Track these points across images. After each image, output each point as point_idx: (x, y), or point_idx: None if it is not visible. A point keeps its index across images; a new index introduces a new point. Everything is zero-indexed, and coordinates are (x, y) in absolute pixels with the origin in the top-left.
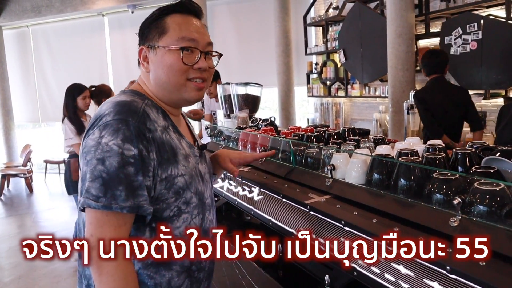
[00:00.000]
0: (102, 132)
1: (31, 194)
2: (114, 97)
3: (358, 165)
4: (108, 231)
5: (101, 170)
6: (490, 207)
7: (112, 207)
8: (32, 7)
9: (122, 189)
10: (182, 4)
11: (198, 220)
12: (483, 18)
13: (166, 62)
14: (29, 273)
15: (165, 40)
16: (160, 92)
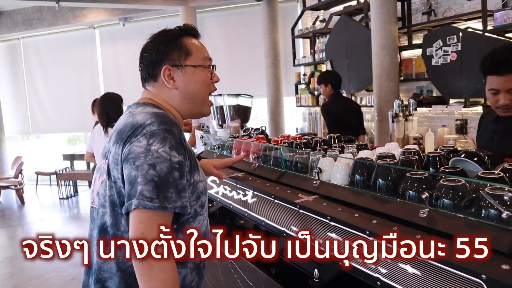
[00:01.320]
0: (150, 140)
1: (22, 205)
2: (142, 109)
3: (342, 168)
4: (158, 230)
5: (153, 174)
6: (453, 200)
7: (167, 207)
8: (23, 20)
9: (172, 191)
10: (192, 29)
11: (206, 221)
12: (461, 31)
13: (198, 79)
14: (24, 283)
15: (192, 59)
16: (185, 106)
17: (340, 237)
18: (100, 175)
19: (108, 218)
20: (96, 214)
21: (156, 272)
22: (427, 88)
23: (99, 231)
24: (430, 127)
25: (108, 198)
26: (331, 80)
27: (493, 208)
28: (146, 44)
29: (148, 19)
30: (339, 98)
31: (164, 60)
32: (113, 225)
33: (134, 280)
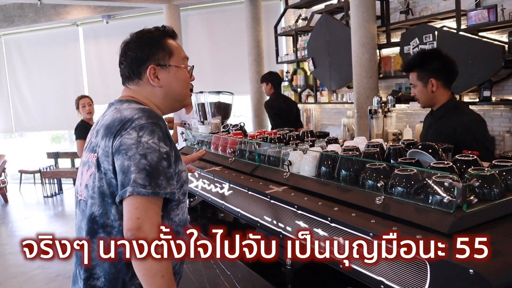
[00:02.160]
0: (139, 132)
1: (6, 204)
2: (127, 105)
3: (310, 160)
4: (152, 214)
5: (144, 163)
6: (405, 187)
7: (159, 193)
8: (5, 17)
9: (162, 178)
10: (172, 30)
11: (186, 209)
12: (437, 30)
13: (180, 78)
14: (8, 280)
15: (175, 60)
16: (166, 102)
17: (306, 224)
18: (88, 168)
19: (97, 208)
20: (85, 205)
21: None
22: (406, 85)
23: (88, 221)
24: (408, 123)
25: (98, 189)
26: (271, 79)
27: (437, 194)
28: (128, 43)
29: (131, 17)
30: (279, 96)
31: (150, 59)
32: (103, 215)
33: (123, 265)
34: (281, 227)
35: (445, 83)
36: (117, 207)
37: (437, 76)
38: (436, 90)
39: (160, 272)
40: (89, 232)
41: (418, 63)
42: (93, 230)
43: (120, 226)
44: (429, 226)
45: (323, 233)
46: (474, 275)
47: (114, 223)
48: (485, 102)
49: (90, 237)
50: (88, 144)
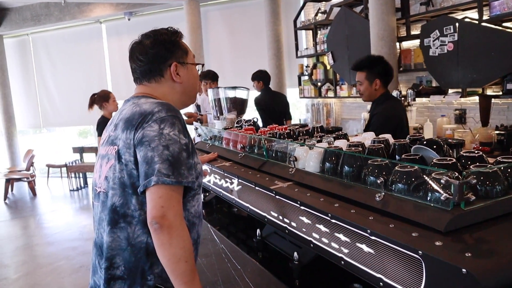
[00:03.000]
0: (161, 125)
1: (34, 197)
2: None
3: (315, 156)
4: (175, 203)
5: (167, 154)
6: (404, 184)
7: (182, 182)
8: (32, 16)
9: (184, 168)
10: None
11: (201, 201)
12: (458, 21)
13: (194, 74)
14: (35, 271)
15: (189, 58)
16: (183, 97)
17: (309, 220)
18: (107, 161)
19: (118, 199)
20: (105, 197)
21: (176, 240)
22: (427, 78)
23: (109, 212)
24: (429, 117)
25: (118, 180)
26: (262, 77)
27: (435, 192)
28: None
29: (152, 13)
30: (269, 92)
31: (172, 57)
32: (123, 205)
33: (143, 254)
34: (286, 223)
35: (385, 83)
36: (137, 198)
37: (380, 77)
38: (378, 88)
39: (184, 258)
40: (111, 222)
41: (367, 65)
42: (114, 220)
43: (140, 216)
44: (426, 224)
45: (325, 229)
46: (466, 274)
47: (135, 213)
48: (509, 95)
49: (111, 227)
50: (106, 138)
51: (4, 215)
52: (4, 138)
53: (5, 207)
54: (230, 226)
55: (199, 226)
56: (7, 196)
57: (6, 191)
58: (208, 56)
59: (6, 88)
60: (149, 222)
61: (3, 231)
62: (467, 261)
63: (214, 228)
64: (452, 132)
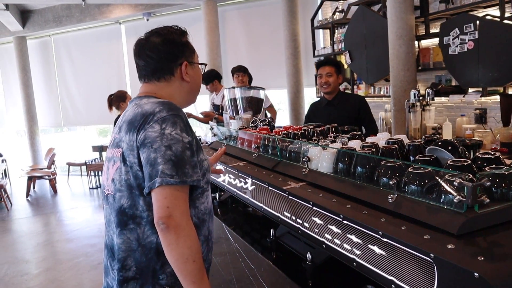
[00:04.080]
0: (162, 125)
1: (55, 194)
2: (148, 99)
3: (328, 157)
4: (181, 203)
5: (170, 154)
6: (418, 186)
7: (186, 181)
8: (54, 17)
9: (188, 167)
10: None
11: (210, 198)
12: (478, 19)
13: (199, 74)
14: (55, 266)
15: (196, 57)
16: (189, 96)
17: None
18: (113, 163)
19: (126, 200)
20: (113, 199)
21: (183, 239)
22: (446, 77)
23: (117, 214)
24: (448, 116)
25: (125, 182)
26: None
27: (449, 194)
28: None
29: (171, 14)
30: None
31: (182, 56)
32: (131, 206)
33: (154, 254)
34: (299, 223)
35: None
36: (144, 198)
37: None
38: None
39: (192, 257)
40: (119, 224)
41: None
42: (123, 221)
43: (148, 217)
44: (438, 226)
45: (337, 230)
46: (478, 278)
47: (143, 214)
48: None
49: (120, 228)
50: (112, 141)
51: (26, 211)
52: (27, 137)
53: (27, 204)
54: (244, 226)
55: (209, 223)
56: (29, 194)
57: (28, 189)
58: (225, 56)
59: (28, 88)
60: (156, 222)
61: (25, 228)
62: (479, 265)
63: (228, 227)
64: (472, 132)
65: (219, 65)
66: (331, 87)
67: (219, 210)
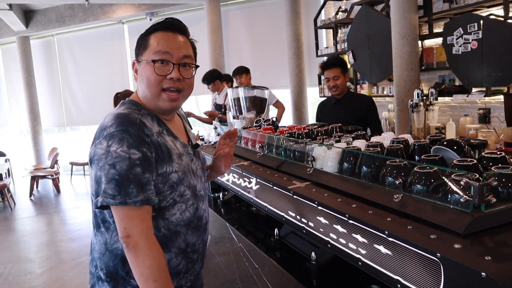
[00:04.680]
0: (109, 141)
1: (58, 194)
2: (116, 109)
3: (333, 156)
4: (138, 222)
5: (113, 173)
6: (423, 185)
7: (127, 203)
8: (57, 17)
9: (133, 187)
10: (164, 23)
11: (192, 209)
12: (482, 18)
13: (145, 74)
14: (59, 265)
15: (145, 54)
16: (145, 100)
17: (326, 221)
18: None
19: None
20: (91, 201)
21: (142, 259)
22: (449, 77)
23: (93, 216)
24: (452, 116)
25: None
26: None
27: (455, 193)
28: None
29: (173, 13)
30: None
31: (137, 53)
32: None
33: (120, 261)
34: (304, 223)
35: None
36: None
37: (347, 72)
38: (347, 81)
39: (152, 277)
40: (95, 225)
41: (340, 62)
42: (97, 223)
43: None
44: (445, 226)
45: (342, 229)
46: (486, 278)
47: (110, 219)
48: None
49: (95, 230)
50: None
51: (29, 211)
52: (30, 137)
53: (30, 203)
54: (248, 225)
55: (188, 235)
56: (32, 193)
57: (31, 188)
58: (228, 55)
59: (32, 88)
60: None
61: (29, 227)
62: (486, 265)
63: (232, 227)
64: (475, 132)
65: (222, 65)
66: (340, 89)
67: (222, 210)
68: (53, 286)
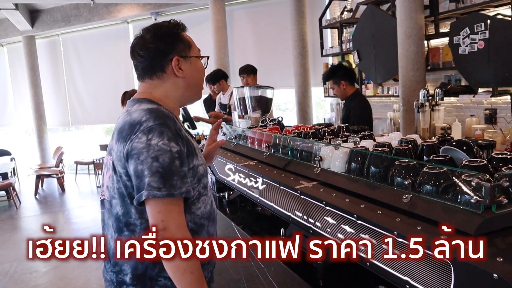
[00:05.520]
0: (149, 135)
1: (63, 193)
2: (140, 105)
3: (340, 156)
4: (175, 215)
5: (157, 166)
6: (433, 186)
7: (174, 194)
8: (62, 17)
9: (176, 179)
10: (183, 25)
11: (210, 201)
12: (489, 18)
13: (200, 68)
14: (64, 264)
15: (193, 51)
16: (188, 93)
17: (334, 221)
18: (107, 171)
19: (119, 208)
20: (109, 205)
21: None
22: (455, 77)
23: (115, 220)
24: (458, 117)
25: (117, 191)
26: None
27: (466, 194)
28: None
29: (178, 13)
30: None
31: (173, 51)
32: (125, 214)
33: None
34: (311, 223)
35: (351, 82)
36: (136, 207)
37: (344, 79)
38: (346, 87)
39: (189, 269)
40: (117, 230)
41: (331, 75)
42: (119, 228)
43: (142, 224)
44: (455, 227)
45: (350, 230)
46: (497, 279)
47: (136, 221)
48: None
49: (117, 234)
50: (108, 147)
51: (34, 210)
52: (35, 136)
53: (35, 202)
54: (253, 225)
55: (209, 227)
56: (37, 192)
57: (36, 187)
58: (233, 55)
59: (37, 87)
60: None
61: (34, 226)
62: (498, 266)
63: (238, 226)
64: (481, 133)
65: (227, 65)
66: (340, 96)
67: (227, 209)
68: (58, 285)
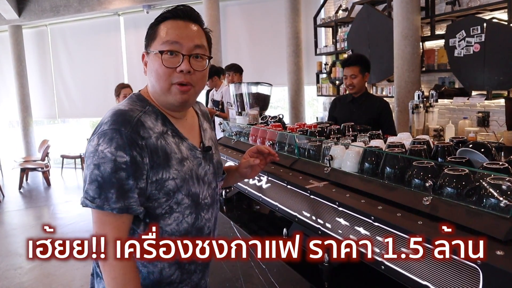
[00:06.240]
0: (99, 140)
1: (48, 187)
2: (119, 103)
3: (352, 156)
4: (109, 230)
5: (97, 174)
6: (456, 188)
7: (104, 208)
8: (51, 7)
9: (113, 192)
10: (174, 11)
11: (190, 219)
12: (485, 22)
13: (153, 67)
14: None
15: (154, 45)
16: (155, 95)
17: (347, 222)
18: None
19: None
20: None
21: (108, 268)
22: (449, 79)
23: None
24: (451, 119)
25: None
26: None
27: (493, 197)
28: None
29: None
30: None
31: (147, 45)
32: None
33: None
34: (320, 223)
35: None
36: None
37: (368, 71)
38: (366, 81)
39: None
40: None
41: (360, 60)
42: None
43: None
44: (483, 231)
45: (365, 232)
46: None
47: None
48: None
49: None
50: None
51: (18, 204)
52: (20, 128)
53: (20, 196)
54: (250, 223)
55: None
56: (22, 186)
57: (21, 181)
58: (226, 51)
59: (23, 78)
60: None
61: (18, 220)
62: None
63: (236, 224)
64: (474, 135)
65: (219, 61)
66: (356, 89)
67: (224, 208)
68: (43, 282)
